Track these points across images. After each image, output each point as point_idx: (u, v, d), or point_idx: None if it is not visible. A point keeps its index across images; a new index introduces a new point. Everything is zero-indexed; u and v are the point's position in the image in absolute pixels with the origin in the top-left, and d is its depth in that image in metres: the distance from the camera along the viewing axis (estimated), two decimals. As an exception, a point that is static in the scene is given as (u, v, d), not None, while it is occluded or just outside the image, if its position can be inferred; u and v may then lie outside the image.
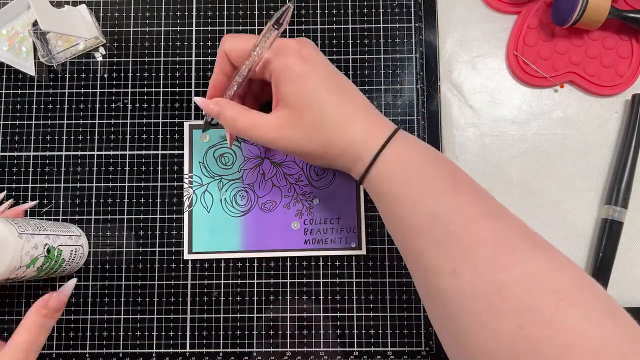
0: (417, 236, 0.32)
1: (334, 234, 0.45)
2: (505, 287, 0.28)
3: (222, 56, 0.38)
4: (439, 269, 0.31)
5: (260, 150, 0.46)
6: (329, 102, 0.35)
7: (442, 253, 0.31)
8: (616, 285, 0.45)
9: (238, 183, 0.46)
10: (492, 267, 0.29)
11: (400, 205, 0.33)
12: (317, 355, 0.44)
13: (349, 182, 0.46)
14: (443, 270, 0.30)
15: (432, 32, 0.48)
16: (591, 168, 0.47)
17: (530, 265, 0.29)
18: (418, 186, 0.33)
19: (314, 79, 0.35)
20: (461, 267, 0.30)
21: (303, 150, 0.36)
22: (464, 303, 0.29)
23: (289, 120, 0.36)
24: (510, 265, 0.29)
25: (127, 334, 0.45)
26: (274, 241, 0.45)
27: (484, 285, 0.29)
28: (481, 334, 0.28)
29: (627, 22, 0.46)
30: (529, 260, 0.29)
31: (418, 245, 0.32)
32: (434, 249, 0.31)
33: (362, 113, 0.36)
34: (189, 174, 0.46)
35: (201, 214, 0.46)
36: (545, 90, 0.48)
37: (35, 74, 0.47)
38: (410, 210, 0.33)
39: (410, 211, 0.33)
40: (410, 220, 0.33)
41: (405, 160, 0.34)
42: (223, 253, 0.45)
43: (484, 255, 0.29)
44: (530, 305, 0.27)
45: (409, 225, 0.33)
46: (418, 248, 0.32)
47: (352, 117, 0.35)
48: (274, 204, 0.46)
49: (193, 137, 0.47)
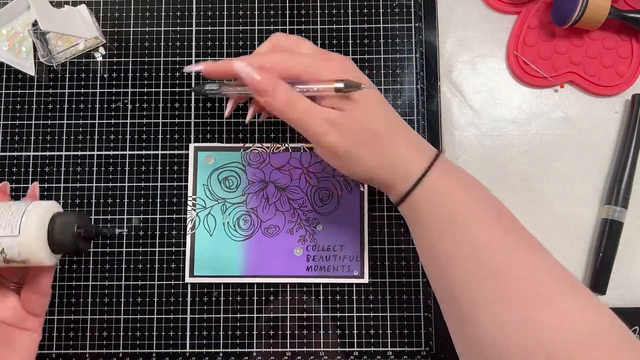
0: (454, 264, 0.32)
1: (337, 262, 0.45)
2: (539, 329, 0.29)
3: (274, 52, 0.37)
4: (474, 301, 0.31)
5: (264, 174, 0.46)
6: (385, 115, 0.36)
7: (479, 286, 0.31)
8: (616, 285, 0.45)
9: (242, 207, 0.46)
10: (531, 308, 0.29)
11: (438, 229, 0.33)
12: (317, 355, 0.44)
13: (354, 209, 0.46)
14: (479, 303, 0.31)
15: (432, 32, 0.48)
16: (591, 168, 0.47)
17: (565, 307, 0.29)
18: (460, 211, 0.33)
19: (375, 93, 0.36)
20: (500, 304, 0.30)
21: (351, 154, 0.35)
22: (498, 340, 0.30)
23: (345, 119, 0.35)
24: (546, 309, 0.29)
25: (127, 334, 0.45)
26: (275, 267, 0.45)
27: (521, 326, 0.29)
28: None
29: (627, 22, 0.46)
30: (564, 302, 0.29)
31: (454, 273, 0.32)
32: (472, 281, 0.31)
33: (411, 133, 0.37)
34: (193, 197, 0.46)
35: (203, 237, 0.45)
36: (545, 90, 0.48)
37: (35, 74, 0.47)
38: (449, 235, 0.33)
39: (449, 236, 0.33)
40: (449, 246, 0.32)
41: (448, 184, 0.34)
42: (224, 277, 0.45)
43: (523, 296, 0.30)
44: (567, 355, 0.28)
45: (447, 252, 0.33)
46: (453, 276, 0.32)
47: (403, 136, 0.36)
48: (277, 228, 0.46)
49: (198, 160, 0.46)
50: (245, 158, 0.46)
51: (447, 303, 0.34)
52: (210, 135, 0.47)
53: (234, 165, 0.46)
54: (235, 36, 0.48)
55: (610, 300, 0.45)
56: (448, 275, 0.33)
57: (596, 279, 0.44)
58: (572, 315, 0.29)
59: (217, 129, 0.47)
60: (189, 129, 0.47)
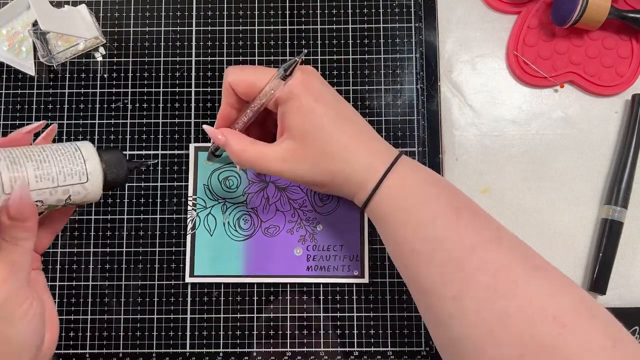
0: (419, 261, 0.33)
1: (337, 262, 0.45)
2: (506, 315, 0.29)
3: (228, 88, 0.38)
4: (440, 295, 0.31)
5: (265, 174, 0.46)
6: (333, 133, 0.36)
7: (443, 279, 0.31)
8: (616, 285, 0.45)
9: (242, 207, 0.46)
10: (493, 294, 0.29)
11: (402, 230, 0.34)
12: (317, 355, 0.44)
13: (353, 209, 0.46)
14: (445, 297, 0.31)
15: (432, 32, 0.48)
16: (591, 168, 0.47)
17: (531, 291, 0.29)
18: (419, 211, 0.33)
19: (319, 111, 0.36)
20: (462, 293, 0.30)
21: (309, 180, 0.37)
22: (465, 330, 0.30)
23: (294, 151, 0.37)
24: (510, 293, 0.29)
25: (127, 334, 0.45)
26: (275, 267, 0.45)
27: (484, 313, 0.29)
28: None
29: (627, 22, 0.46)
30: (529, 285, 0.29)
31: (420, 270, 0.33)
32: (436, 274, 0.32)
33: (366, 141, 0.37)
34: (193, 197, 0.46)
35: (204, 237, 0.45)
36: (545, 90, 0.48)
37: (35, 74, 0.47)
38: (411, 236, 0.33)
39: (411, 236, 0.33)
40: (413, 245, 0.33)
41: (407, 185, 0.35)
42: (224, 277, 0.45)
43: (484, 282, 0.30)
44: (532, 334, 0.28)
45: (411, 250, 0.33)
46: (420, 273, 0.33)
47: (355, 147, 0.36)
48: (277, 228, 0.46)
49: (198, 160, 0.46)
50: None
51: (421, 303, 0.34)
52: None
53: (234, 165, 0.46)
54: (235, 36, 0.48)
55: (610, 300, 0.45)
56: (414, 273, 0.33)
57: (596, 279, 0.44)
58: (538, 302, 0.29)
59: (217, 129, 0.47)
60: (189, 129, 0.47)
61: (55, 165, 0.34)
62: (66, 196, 0.34)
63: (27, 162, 0.34)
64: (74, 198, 0.35)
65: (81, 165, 0.35)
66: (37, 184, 0.33)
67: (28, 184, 0.33)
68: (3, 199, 0.32)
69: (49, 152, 0.35)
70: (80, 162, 0.35)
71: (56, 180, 0.34)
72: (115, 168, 0.36)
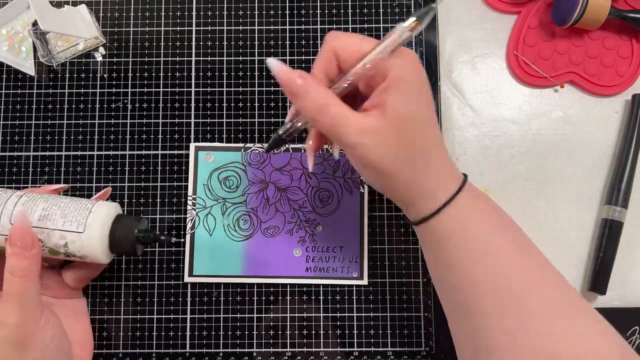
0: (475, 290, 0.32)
1: (336, 263, 0.45)
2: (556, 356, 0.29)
3: (330, 56, 0.33)
4: (494, 325, 0.31)
5: (265, 175, 0.46)
6: (428, 130, 0.33)
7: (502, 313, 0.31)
8: (616, 285, 0.45)
9: (242, 207, 0.46)
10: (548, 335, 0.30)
11: (462, 254, 0.33)
12: (317, 355, 0.44)
13: (354, 210, 0.46)
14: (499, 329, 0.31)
15: (432, 32, 0.48)
16: (591, 168, 0.47)
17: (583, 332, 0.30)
18: (486, 240, 0.32)
19: (425, 97, 0.33)
20: (517, 328, 0.30)
21: (378, 165, 0.32)
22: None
23: (381, 128, 0.31)
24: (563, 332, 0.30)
25: (127, 334, 0.45)
26: (275, 267, 0.45)
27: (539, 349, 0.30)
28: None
29: (627, 22, 0.46)
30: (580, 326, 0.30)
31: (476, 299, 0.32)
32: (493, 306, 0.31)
33: (443, 149, 0.34)
34: (193, 197, 0.46)
35: (203, 237, 0.45)
36: (545, 90, 0.48)
37: (35, 74, 0.47)
38: (473, 263, 0.32)
39: (473, 264, 0.32)
40: (472, 272, 0.32)
41: (477, 210, 0.33)
42: (224, 277, 0.45)
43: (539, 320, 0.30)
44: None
45: (467, 275, 0.32)
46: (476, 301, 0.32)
47: (437, 153, 0.34)
48: (277, 229, 0.46)
49: (198, 159, 0.46)
50: (246, 158, 0.46)
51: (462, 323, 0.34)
52: (210, 135, 0.47)
53: (234, 166, 0.46)
54: (235, 36, 0.48)
55: (610, 300, 0.45)
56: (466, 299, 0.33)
57: (596, 279, 0.44)
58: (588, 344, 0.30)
59: (217, 129, 0.47)
60: (189, 129, 0.47)
61: (62, 211, 0.37)
62: (63, 242, 0.36)
63: (41, 203, 0.37)
64: (71, 247, 0.36)
65: (83, 217, 0.36)
66: (39, 222, 0.36)
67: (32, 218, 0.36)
68: (9, 228, 0.36)
69: (67, 201, 0.38)
70: (84, 214, 0.37)
71: (56, 223, 0.36)
72: (123, 232, 0.37)
